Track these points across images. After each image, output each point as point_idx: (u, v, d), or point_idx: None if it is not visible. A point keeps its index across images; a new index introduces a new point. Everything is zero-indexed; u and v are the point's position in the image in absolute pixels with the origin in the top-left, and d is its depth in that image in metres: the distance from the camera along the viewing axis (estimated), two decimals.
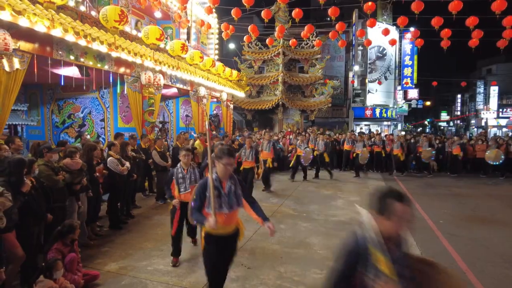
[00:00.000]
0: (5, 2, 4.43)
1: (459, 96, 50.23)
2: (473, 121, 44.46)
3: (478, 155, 12.69)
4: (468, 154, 13.00)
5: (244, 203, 3.09)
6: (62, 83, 8.05)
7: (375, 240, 1.68)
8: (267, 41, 14.32)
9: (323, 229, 6.12)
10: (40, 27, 4.95)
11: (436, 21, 9.53)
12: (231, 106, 15.32)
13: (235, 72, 13.82)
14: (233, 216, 3.00)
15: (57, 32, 5.25)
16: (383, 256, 1.64)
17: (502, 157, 11.80)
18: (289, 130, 18.26)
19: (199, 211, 2.91)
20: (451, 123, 56.65)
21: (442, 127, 58.30)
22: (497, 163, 11.90)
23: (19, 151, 5.10)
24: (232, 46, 23.44)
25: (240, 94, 15.33)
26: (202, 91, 11.36)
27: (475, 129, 41.30)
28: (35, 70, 5.73)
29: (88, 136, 9.38)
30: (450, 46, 10.65)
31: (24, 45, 5.21)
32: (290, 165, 11.46)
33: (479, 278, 4.25)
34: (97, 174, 5.63)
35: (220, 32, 13.47)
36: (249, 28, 10.90)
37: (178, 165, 4.62)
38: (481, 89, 40.96)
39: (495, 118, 38.46)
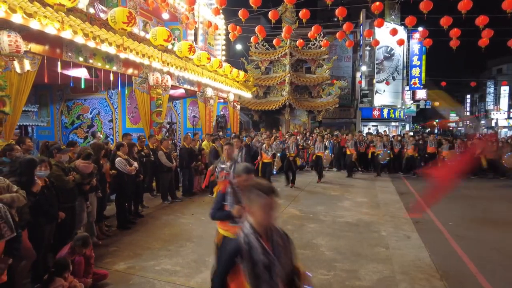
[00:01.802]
0: (17, 5, 4.50)
1: (468, 96, 49.61)
2: (483, 122, 43.85)
3: (489, 156, 12.52)
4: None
5: None
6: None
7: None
8: (274, 41, 14.35)
9: (330, 230, 6.09)
10: (51, 29, 5.02)
11: (445, 21, 9.42)
12: (238, 106, 15.34)
13: (242, 73, 13.83)
14: None
15: (66, 34, 5.32)
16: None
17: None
18: (296, 131, 18.22)
19: None
20: (460, 124, 55.93)
21: (451, 128, 57.60)
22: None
23: (29, 152, 5.18)
24: (239, 47, 23.49)
25: (247, 94, 15.35)
26: (209, 92, 11.40)
27: (485, 129, 40.73)
28: (45, 71, 5.82)
29: (101, 136, 9.45)
30: (459, 46, 10.53)
31: (34, 47, 5.29)
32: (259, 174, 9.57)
33: (490, 281, 4.19)
34: (104, 172, 5.67)
35: (227, 33, 13.52)
36: (256, 29, 10.91)
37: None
38: (491, 89, 40.44)
39: (505, 119, 37.90)
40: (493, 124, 38.60)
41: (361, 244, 5.43)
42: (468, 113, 50.19)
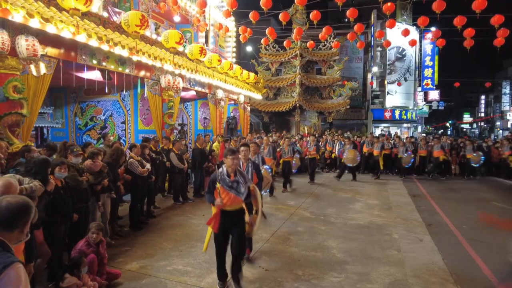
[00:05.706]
0: (34, 10, 4.63)
1: (483, 97, 48.62)
2: (498, 123, 42.88)
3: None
4: (493, 158, 12.56)
5: None
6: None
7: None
8: (284, 43, 14.35)
9: (341, 233, 6.05)
10: (66, 33, 5.13)
11: (458, 21, 9.24)
12: (248, 108, 15.38)
13: (252, 75, 13.87)
14: None
15: (81, 38, 5.43)
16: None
17: (358, 158, 11.67)
18: (306, 132, 18.15)
19: None
20: (474, 125, 54.86)
21: (464, 129, 56.56)
22: (354, 164, 11.64)
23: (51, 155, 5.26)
24: (249, 48, 23.58)
25: (257, 96, 15.38)
26: (220, 94, 11.46)
27: (501, 131, 39.81)
28: (61, 74, 5.95)
29: (112, 138, 9.60)
30: (473, 46, 10.32)
31: (51, 51, 5.42)
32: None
33: (505, 286, 4.10)
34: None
35: (237, 35, 13.60)
36: (266, 30, 10.93)
37: None
38: (507, 90, 39.54)
39: None
40: (509, 126, 37.67)
41: (372, 246, 5.38)
42: (482, 114, 49.16)
